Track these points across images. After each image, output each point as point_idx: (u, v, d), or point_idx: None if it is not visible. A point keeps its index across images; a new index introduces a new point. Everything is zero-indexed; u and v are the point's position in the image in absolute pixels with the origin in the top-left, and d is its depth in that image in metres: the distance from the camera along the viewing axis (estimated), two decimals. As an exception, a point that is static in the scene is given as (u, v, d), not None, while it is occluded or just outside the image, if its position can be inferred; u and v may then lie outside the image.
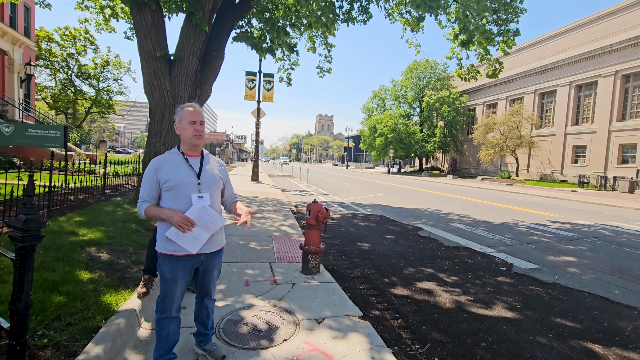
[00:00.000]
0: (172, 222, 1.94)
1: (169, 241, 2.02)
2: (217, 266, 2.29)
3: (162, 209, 2.02)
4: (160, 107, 7.19)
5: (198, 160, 2.17)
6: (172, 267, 2.06)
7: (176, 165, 2.08)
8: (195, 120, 2.11)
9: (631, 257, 5.89)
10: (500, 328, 3.19)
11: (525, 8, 8.74)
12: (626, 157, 26.49)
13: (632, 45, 25.39)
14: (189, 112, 2.11)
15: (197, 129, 2.11)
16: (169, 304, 2.10)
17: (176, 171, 2.06)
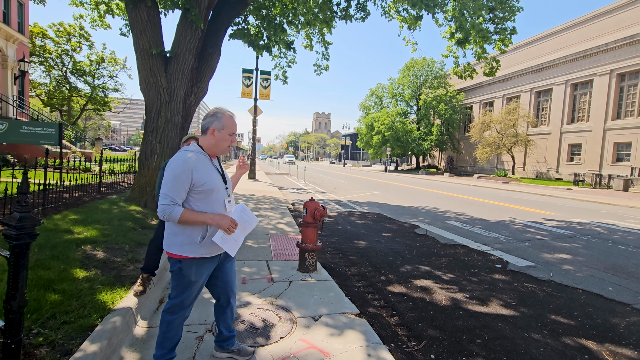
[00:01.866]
0: (222, 225, 1.91)
1: (202, 245, 1.95)
2: (233, 259, 2.27)
3: (206, 213, 1.93)
4: (157, 104, 7.14)
5: (217, 161, 2.13)
6: (199, 270, 2.00)
7: (208, 167, 2.00)
8: (235, 132, 2.07)
9: (625, 254, 5.95)
10: (496, 325, 3.22)
11: (521, 6, 8.76)
12: (621, 155, 26.71)
13: (627, 44, 25.55)
14: (233, 122, 2.04)
15: (233, 141, 2.07)
16: (188, 306, 2.08)
17: (210, 174, 1.98)
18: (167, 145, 7.19)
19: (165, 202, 1.86)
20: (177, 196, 1.88)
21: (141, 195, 7.12)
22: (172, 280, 2.06)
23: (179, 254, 1.95)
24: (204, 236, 1.96)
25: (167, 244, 1.99)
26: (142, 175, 7.20)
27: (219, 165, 2.12)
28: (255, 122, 19.52)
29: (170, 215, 1.86)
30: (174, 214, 1.86)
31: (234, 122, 2.04)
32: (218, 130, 2.00)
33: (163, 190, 1.88)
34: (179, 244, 1.95)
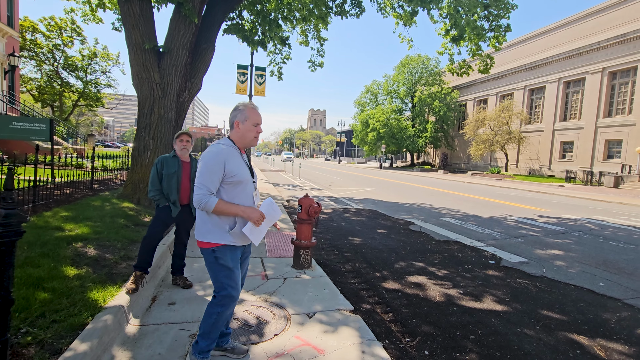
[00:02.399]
0: (252, 218, 1.99)
1: (231, 234, 2.03)
2: (249, 257, 2.33)
3: (238, 205, 2.01)
4: (150, 100, 7.04)
5: (245, 156, 2.19)
6: (233, 256, 2.07)
7: (238, 160, 2.06)
8: (259, 122, 2.10)
9: (616, 250, 6.03)
10: (489, 320, 3.24)
11: (515, 4, 8.77)
12: (612, 152, 27.06)
13: (619, 42, 25.80)
14: (256, 113, 2.09)
15: (258, 131, 2.11)
16: (235, 295, 2.10)
17: (240, 166, 2.05)
18: (161, 142, 7.11)
19: (201, 192, 1.93)
20: (212, 186, 1.95)
21: (134, 192, 7.04)
22: (211, 272, 2.09)
23: (210, 241, 2.02)
24: (232, 226, 2.03)
25: (199, 233, 2.06)
26: (135, 172, 7.12)
27: (248, 159, 2.17)
28: (250, 119, 19.38)
29: (206, 205, 1.93)
30: (210, 203, 1.92)
31: (257, 113, 2.09)
32: (242, 122, 2.06)
33: (198, 180, 1.95)
34: (209, 231, 2.02)
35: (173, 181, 3.26)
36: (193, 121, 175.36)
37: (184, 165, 3.37)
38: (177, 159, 3.34)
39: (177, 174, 3.29)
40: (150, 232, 3.21)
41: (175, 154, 3.35)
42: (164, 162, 3.27)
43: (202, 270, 3.95)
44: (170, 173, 3.26)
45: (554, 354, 2.71)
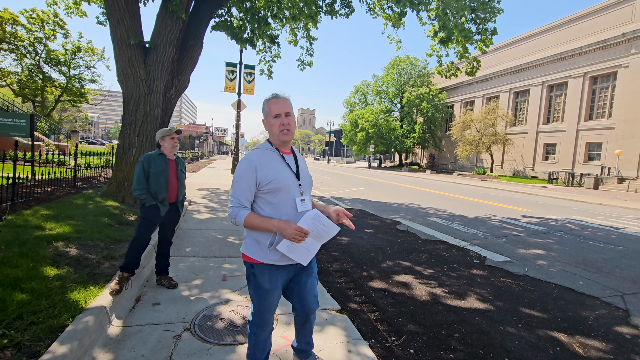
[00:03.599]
0: (286, 234, 1.71)
1: (272, 251, 1.80)
2: (314, 273, 2.05)
3: (271, 219, 1.75)
4: (135, 96, 6.91)
5: (292, 157, 1.93)
6: (272, 277, 1.84)
7: (275, 163, 1.82)
8: (280, 112, 1.81)
9: (595, 249, 6.22)
10: (473, 319, 3.29)
11: (502, 8, 8.95)
12: (592, 155, 27.91)
13: (600, 48, 26.61)
14: (272, 103, 1.82)
15: (283, 122, 1.81)
16: (269, 317, 1.92)
17: (278, 170, 1.80)
18: (147, 139, 6.98)
19: (231, 205, 1.78)
20: (243, 197, 1.77)
21: (119, 190, 6.90)
22: (249, 287, 1.93)
23: (250, 256, 1.84)
24: (272, 242, 1.80)
25: (243, 245, 1.91)
26: (120, 170, 6.97)
27: (295, 160, 1.92)
28: (239, 117, 19.24)
29: (235, 218, 1.75)
30: (239, 217, 1.74)
31: (277, 102, 1.82)
32: (265, 118, 1.87)
33: (231, 192, 1.81)
34: (250, 246, 1.85)
35: (162, 179, 3.21)
36: (180, 119, 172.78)
37: (170, 164, 3.33)
38: (163, 156, 3.28)
39: (164, 172, 3.24)
40: (141, 234, 3.14)
41: (161, 151, 3.29)
42: (150, 160, 3.21)
43: (188, 270, 3.90)
44: (159, 171, 3.20)
45: (535, 351, 2.78)
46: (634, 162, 24.21)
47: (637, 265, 5.33)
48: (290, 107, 1.85)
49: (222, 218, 6.86)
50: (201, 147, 56.76)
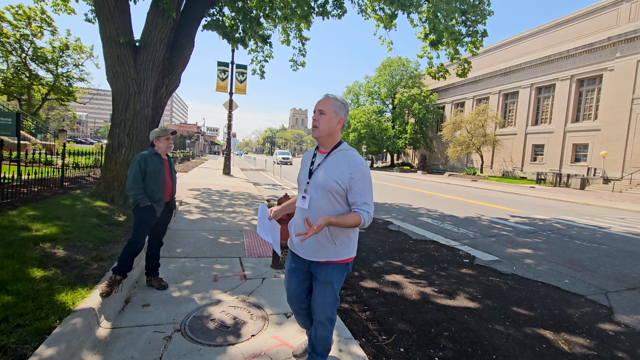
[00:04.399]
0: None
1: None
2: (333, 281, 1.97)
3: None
4: (125, 95, 6.83)
5: (322, 157, 1.96)
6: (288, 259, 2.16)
7: (307, 160, 2.05)
8: (314, 109, 1.94)
9: (580, 248, 6.36)
10: (462, 317, 3.34)
11: (492, 10, 9.08)
12: (579, 156, 28.50)
13: (587, 51, 27.20)
14: (317, 103, 1.95)
15: (313, 118, 1.93)
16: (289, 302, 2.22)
17: (303, 167, 2.04)
18: (137, 139, 6.90)
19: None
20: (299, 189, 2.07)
21: (108, 190, 6.80)
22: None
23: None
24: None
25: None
26: (109, 170, 6.88)
27: (322, 160, 1.95)
28: (231, 117, 19.13)
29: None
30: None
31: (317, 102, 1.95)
32: None
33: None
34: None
35: (159, 179, 3.19)
36: (171, 118, 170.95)
37: (164, 163, 3.32)
38: (158, 156, 3.26)
39: (161, 171, 3.22)
40: (136, 236, 3.08)
41: (156, 151, 3.27)
42: (147, 159, 3.18)
43: (179, 270, 3.87)
44: (156, 171, 3.18)
45: (522, 349, 2.83)
46: (618, 163, 24.80)
47: (621, 264, 5.47)
48: (325, 105, 1.90)
49: (213, 219, 6.82)
50: (192, 147, 56.25)
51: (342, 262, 1.96)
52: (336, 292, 2.00)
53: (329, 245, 1.90)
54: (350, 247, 1.97)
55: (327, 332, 2.08)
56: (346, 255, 1.96)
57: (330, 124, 1.90)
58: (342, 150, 1.94)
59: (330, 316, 2.05)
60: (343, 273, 2.00)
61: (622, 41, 24.80)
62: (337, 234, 1.90)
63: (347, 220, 1.78)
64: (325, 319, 2.04)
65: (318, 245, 1.92)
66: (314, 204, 1.90)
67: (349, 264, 2.01)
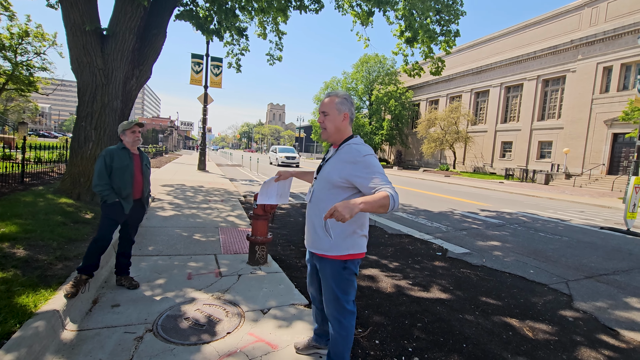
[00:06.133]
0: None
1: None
2: (328, 276, 1.95)
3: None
4: (91, 86, 6.49)
5: (331, 153, 2.02)
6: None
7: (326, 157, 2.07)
8: (320, 111, 1.97)
9: (544, 240, 6.73)
10: (435, 308, 3.45)
11: (465, 11, 9.33)
12: (544, 152, 30.03)
13: (551, 53, 28.58)
14: (322, 103, 1.97)
15: (319, 121, 1.96)
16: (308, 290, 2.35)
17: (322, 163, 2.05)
18: (105, 132, 6.59)
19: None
20: None
21: (73, 186, 6.46)
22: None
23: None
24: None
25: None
26: (75, 165, 6.54)
27: (332, 154, 1.98)
28: (206, 111, 18.65)
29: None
30: None
31: (320, 103, 1.99)
32: None
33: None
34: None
35: (127, 175, 3.04)
36: (143, 111, 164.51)
37: (134, 158, 3.17)
38: (127, 150, 3.12)
39: (129, 167, 3.08)
40: (102, 233, 2.94)
41: (124, 145, 3.13)
42: (113, 154, 3.04)
43: (151, 269, 3.75)
44: (123, 166, 3.04)
45: (490, 337, 2.97)
46: (579, 160, 26.34)
47: (580, 254, 5.84)
48: (327, 106, 1.92)
49: (187, 215, 6.65)
50: (165, 141, 54.42)
51: (337, 258, 1.89)
52: (335, 290, 1.93)
53: (325, 237, 1.87)
54: (346, 243, 1.88)
55: (335, 334, 2.00)
56: (341, 252, 1.87)
57: (336, 122, 1.93)
58: (349, 144, 1.91)
59: (336, 315, 1.97)
60: (339, 271, 1.91)
61: (583, 44, 26.24)
62: (333, 226, 1.84)
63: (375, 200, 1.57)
64: (332, 318, 1.99)
65: (315, 236, 1.94)
66: (316, 195, 1.94)
67: (347, 262, 1.90)
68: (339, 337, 1.99)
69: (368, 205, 1.54)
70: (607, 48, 24.91)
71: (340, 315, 1.97)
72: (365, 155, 1.79)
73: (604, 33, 24.68)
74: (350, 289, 1.97)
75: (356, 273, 1.99)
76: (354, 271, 1.96)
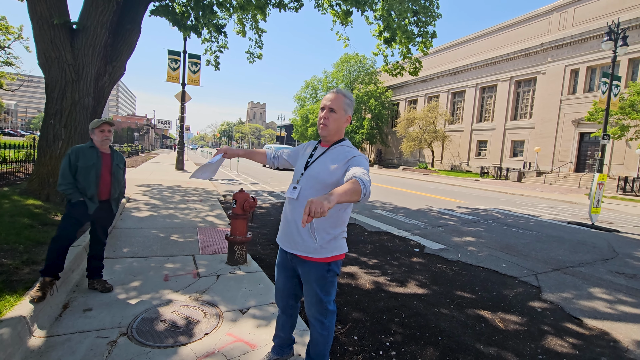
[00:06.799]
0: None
1: None
2: (311, 280, 1.91)
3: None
4: (60, 83, 6.22)
5: (321, 151, 1.96)
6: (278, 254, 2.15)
7: (305, 154, 2.04)
8: (322, 106, 1.90)
9: (516, 235, 7.01)
10: (412, 303, 3.54)
11: (440, 13, 9.57)
12: (517, 151, 31.20)
13: (523, 55, 29.72)
14: (323, 99, 1.92)
15: (320, 116, 1.89)
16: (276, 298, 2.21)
17: (301, 159, 2.04)
18: (75, 131, 6.33)
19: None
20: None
21: (42, 187, 6.18)
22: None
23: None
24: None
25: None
26: (43, 165, 6.25)
27: (321, 153, 1.94)
28: (184, 109, 18.22)
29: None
30: None
31: (324, 97, 1.92)
32: None
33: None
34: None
35: (91, 174, 2.94)
36: (117, 109, 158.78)
37: (103, 157, 3.06)
38: (95, 149, 3.02)
39: (95, 166, 2.97)
40: (61, 231, 2.85)
41: (93, 144, 3.03)
42: (79, 153, 2.93)
43: (125, 271, 3.65)
44: (88, 165, 2.94)
45: (464, 329, 3.07)
46: (549, 158, 27.56)
47: (549, 248, 6.12)
48: (336, 103, 1.85)
49: (164, 216, 6.50)
50: (141, 140, 52.77)
51: (321, 260, 1.87)
52: (318, 292, 1.91)
53: (309, 239, 1.84)
54: (332, 244, 1.87)
55: (317, 334, 1.99)
56: (327, 254, 1.86)
57: (339, 122, 1.89)
58: (343, 145, 1.93)
59: (317, 316, 1.96)
60: (323, 274, 1.89)
61: (552, 47, 27.43)
62: (317, 227, 1.83)
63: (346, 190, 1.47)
64: (313, 319, 1.99)
65: (298, 237, 1.87)
66: (304, 193, 1.86)
67: (331, 264, 1.89)
68: (320, 337, 2.00)
69: (342, 195, 1.44)
70: (574, 51, 26.15)
71: (322, 316, 1.97)
72: (357, 155, 1.85)
73: (572, 37, 25.89)
74: (332, 290, 1.98)
75: (338, 273, 1.99)
76: (337, 272, 1.97)
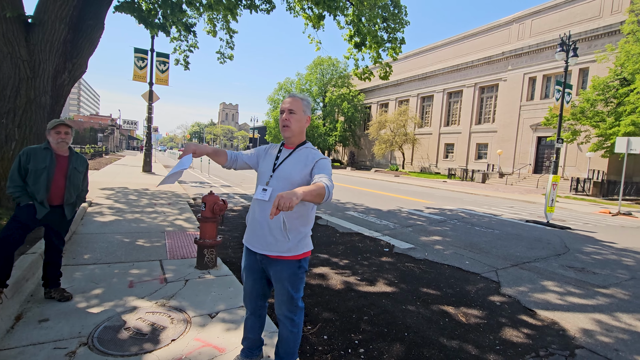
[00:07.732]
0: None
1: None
2: (283, 278, 1.97)
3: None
4: (14, 79, 5.83)
5: (287, 153, 2.03)
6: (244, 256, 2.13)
7: (270, 155, 2.07)
8: (283, 109, 1.98)
9: (479, 234, 7.37)
10: (381, 302, 3.64)
11: (409, 20, 9.92)
12: (481, 153, 32.75)
13: (486, 63, 31.31)
14: (284, 102, 1.99)
15: (283, 118, 1.97)
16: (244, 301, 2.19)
17: (267, 161, 2.06)
18: (31, 131, 5.95)
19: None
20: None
21: (-8, 191, 5.75)
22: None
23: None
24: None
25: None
26: (-7, 167, 5.81)
27: (288, 155, 2.02)
28: (151, 109, 17.59)
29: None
30: None
31: (283, 102, 2.01)
32: None
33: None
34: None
35: (42, 178, 2.78)
36: (79, 108, 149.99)
37: (58, 160, 2.91)
38: (49, 151, 2.86)
39: (47, 169, 2.81)
40: (5, 235, 2.66)
41: (49, 145, 2.87)
42: (30, 154, 2.78)
43: (86, 279, 3.49)
44: (39, 168, 2.78)
45: (429, 324, 3.21)
46: (510, 160, 29.15)
47: (508, 245, 6.49)
48: (294, 105, 1.96)
49: (129, 220, 6.25)
50: (106, 141, 50.21)
51: (293, 258, 1.96)
52: (290, 290, 1.99)
53: (282, 239, 1.89)
54: (302, 242, 1.98)
55: (287, 332, 2.06)
56: (298, 251, 1.96)
57: (301, 122, 2.00)
58: (307, 148, 2.06)
59: (287, 314, 2.03)
60: (294, 271, 1.98)
61: (512, 56, 29.11)
62: (290, 227, 1.89)
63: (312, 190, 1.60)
64: (283, 317, 2.04)
65: (271, 238, 1.91)
66: (276, 195, 1.85)
67: (301, 261, 1.99)
68: (290, 335, 2.06)
69: (308, 194, 1.56)
70: (531, 60, 27.89)
71: (292, 313, 2.04)
72: (324, 158, 1.99)
73: (529, 47, 27.61)
74: (302, 286, 2.08)
75: (307, 270, 2.11)
76: (306, 268, 2.08)
